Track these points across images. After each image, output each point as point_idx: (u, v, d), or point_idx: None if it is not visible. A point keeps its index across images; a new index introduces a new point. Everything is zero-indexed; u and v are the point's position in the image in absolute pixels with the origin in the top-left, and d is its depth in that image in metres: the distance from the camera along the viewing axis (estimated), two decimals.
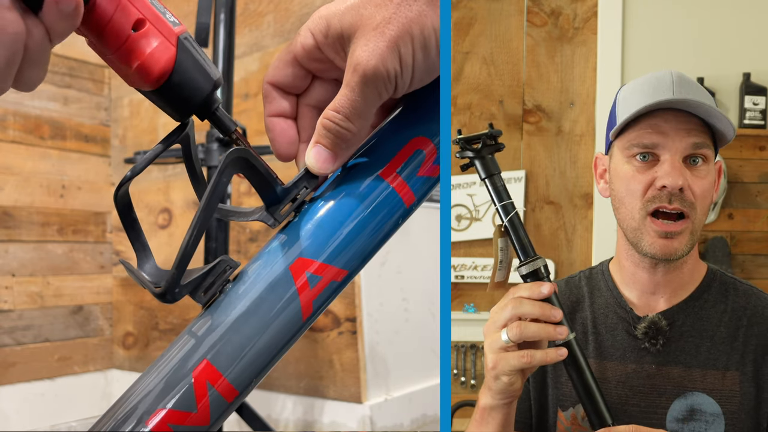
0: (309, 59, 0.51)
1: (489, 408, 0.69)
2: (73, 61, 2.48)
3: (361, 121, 0.50)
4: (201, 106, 0.49)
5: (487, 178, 0.68)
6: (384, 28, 0.47)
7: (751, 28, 2.01)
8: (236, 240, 2.19)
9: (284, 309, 0.49)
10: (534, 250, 0.68)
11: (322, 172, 0.51)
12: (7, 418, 2.23)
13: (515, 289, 0.67)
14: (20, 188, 2.32)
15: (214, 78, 0.49)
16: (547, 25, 2.04)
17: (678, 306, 0.80)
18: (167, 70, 0.47)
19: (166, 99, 0.48)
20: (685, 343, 0.79)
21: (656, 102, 0.74)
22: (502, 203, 0.68)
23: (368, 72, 0.48)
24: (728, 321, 0.79)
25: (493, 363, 0.66)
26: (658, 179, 0.75)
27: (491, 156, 0.68)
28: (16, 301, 2.29)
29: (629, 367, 0.79)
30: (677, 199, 0.74)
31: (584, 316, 0.84)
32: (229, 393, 0.48)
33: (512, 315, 0.66)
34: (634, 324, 0.80)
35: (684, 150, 0.75)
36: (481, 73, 2.04)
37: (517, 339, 0.65)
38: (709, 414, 0.76)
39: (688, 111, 0.75)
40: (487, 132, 0.68)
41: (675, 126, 0.75)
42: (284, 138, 0.53)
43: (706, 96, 0.77)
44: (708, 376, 0.77)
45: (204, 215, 0.47)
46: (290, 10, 2.16)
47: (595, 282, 0.86)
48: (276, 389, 2.13)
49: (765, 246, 2.00)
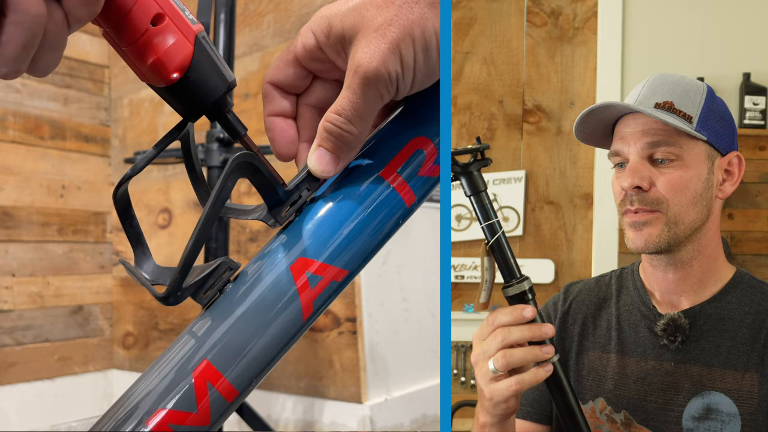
0: (310, 59, 0.51)
1: (489, 425, 0.70)
2: (73, 61, 2.48)
3: (363, 123, 0.50)
4: (213, 107, 0.49)
5: (472, 196, 0.66)
6: (385, 30, 0.47)
7: (751, 28, 2.01)
8: (236, 240, 2.19)
9: (284, 309, 0.49)
10: (520, 271, 0.67)
11: (324, 175, 0.51)
12: (7, 418, 2.22)
13: (495, 315, 0.67)
14: (20, 188, 2.32)
15: (228, 80, 0.48)
16: (547, 25, 2.04)
17: (700, 305, 0.81)
18: (183, 69, 0.46)
19: (178, 97, 0.47)
20: (705, 342, 0.79)
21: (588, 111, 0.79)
22: (488, 222, 0.67)
23: (369, 74, 0.47)
24: (751, 323, 0.79)
25: (489, 395, 0.66)
26: (620, 182, 0.79)
27: (478, 172, 0.67)
28: (16, 301, 2.29)
29: (649, 363, 0.80)
30: (638, 199, 0.77)
31: (609, 313, 0.86)
32: (230, 393, 0.48)
33: (503, 344, 0.65)
34: (655, 321, 0.81)
35: (641, 150, 0.78)
36: (481, 73, 2.04)
37: (504, 369, 0.65)
38: (726, 414, 0.76)
39: (648, 114, 0.77)
40: (475, 146, 0.66)
41: (632, 129, 0.79)
42: (284, 138, 0.53)
43: (682, 94, 0.78)
44: (727, 376, 0.77)
45: (208, 220, 0.47)
46: (290, 10, 2.16)
47: (624, 281, 0.88)
48: (276, 389, 2.13)
49: (765, 246, 2.00)
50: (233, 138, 0.51)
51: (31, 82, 2.37)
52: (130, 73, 2.61)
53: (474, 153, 0.66)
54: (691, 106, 0.78)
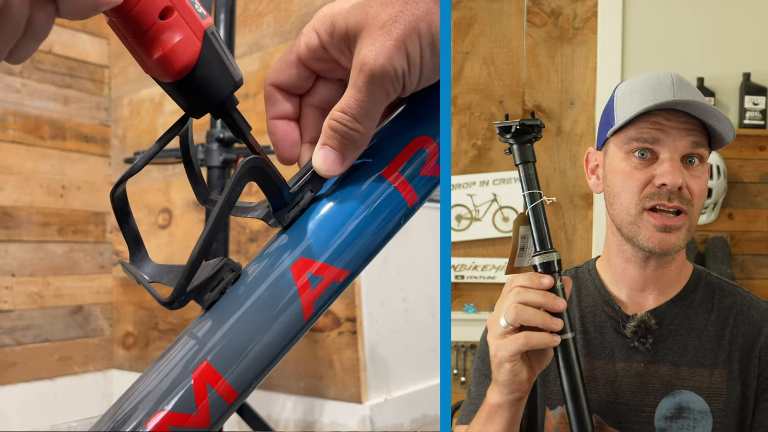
0: (314, 59, 0.51)
1: (497, 405, 0.69)
2: (73, 61, 2.48)
3: (369, 121, 0.49)
4: (218, 105, 0.48)
5: (521, 164, 0.69)
6: (391, 27, 0.47)
7: (751, 28, 2.00)
8: (236, 240, 2.19)
9: (285, 310, 0.48)
10: (551, 243, 0.68)
11: (329, 174, 0.50)
12: (7, 418, 2.22)
13: (514, 278, 0.68)
14: (20, 188, 2.32)
15: (236, 78, 0.47)
16: (547, 25, 2.04)
17: (666, 304, 0.80)
18: (190, 65, 0.45)
19: (183, 93, 0.46)
20: (673, 341, 0.79)
21: (661, 102, 0.75)
22: (530, 191, 0.68)
23: (375, 72, 0.47)
24: (715, 320, 0.80)
25: (494, 350, 0.66)
26: (659, 177, 0.76)
27: (530, 144, 0.69)
28: (16, 301, 2.29)
29: (618, 365, 0.80)
30: (676, 197, 0.75)
31: (572, 315, 0.84)
32: (229, 394, 0.47)
33: (515, 302, 0.66)
34: (623, 323, 0.80)
35: (684, 149, 0.76)
36: (481, 73, 2.04)
37: (514, 321, 0.65)
38: (697, 412, 0.77)
39: (686, 112, 0.76)
40: (536, 120, 0.69)
41: (676, 125, 0.76)
42: (287, 141, 0.52)
43: (703, 98, 0.78)
44: (696, 375, 0.78)
45: (216, 225, 0.46)
46: (290, 10, 2.16)
47: (582, 281, 0.86)
48: (276, 389, 2.13)
49: (765, 246, 2.00)
50: (237, 137, 0.50)
51: (31, 82, 2.37)
52: (130, 73, 2.62)
53: (535, 127, 0.68)
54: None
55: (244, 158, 0.48)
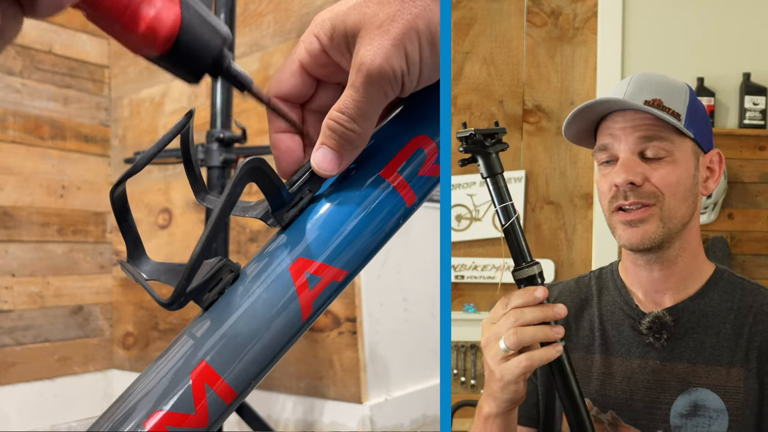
0: (316, 65, 0.50)
1: (493, 416, 0.69)
2: (73, 61, 2.48)
3: (366, 121, 0.49)
4: (213, 64, 0.48)
5: (489, 177, 0.67)
6: (389, 26, 0.46)
7: (751, 28, 2.00)
8: (236, 240, 2.19)
9: (283, 310, 0.48)
10: (531, 255, 0.68)
11: (327, 173, 0.50)
12: (7, 418, 2.22)
13: (508, 298, 0.67)
14: (20, 188, 2.32)
15: (222, 33, 0.47)
16: (547, 25, 2.04)
17: (683, 303, 0.81)
18: (174, 30, 0.45)
19: (177, 61, 0.47)
20: (689, 339, 0.79)
21: (580, 107, 0.79)
22: (503, 205, 0.67)
23: (373, 71, 0.47)
24: (734, 318, 0.80)
25: (500, 375, 0.66)
26: (612, 179, 0.78)
27: (496, 154, 0.67)
28: (16, 301, 2.29)
29: (634, 362, 0.80)
30: (633, 194, 0.77)
31: (592, 313, 0.85)
32: (228, 394, 0.47)
33: (515, 324, 0.65)
34: (638, 319, 0.81)
35: (633, 146, 0.77)
36: (481, 73, 2.04)
37: (515, 346, 0.65)
38: (713, 410, 0.77)
39: (639, 109, 0.77)
40: (494, 129, 0.67)
41: (622, 125, 0.78)
42: (290, 157, 0.52)
43: (668, 92, 0.78)
44: (712, 372, 0.78)
45: (216, 226, 0.46)
46: (290, 10, 2.16)
47: (604, 281, 0.87)
48: (276, 389, 2.13)
49: (765, 246, 2.00)
50: (241, 90, 0.50)
51: (31, 82, 2.37)
52: (130, 73, 2.62)
53: (494, 135, 0.67)
54: (679, 104, 0.78)
55: (244, 158, 0.48)
